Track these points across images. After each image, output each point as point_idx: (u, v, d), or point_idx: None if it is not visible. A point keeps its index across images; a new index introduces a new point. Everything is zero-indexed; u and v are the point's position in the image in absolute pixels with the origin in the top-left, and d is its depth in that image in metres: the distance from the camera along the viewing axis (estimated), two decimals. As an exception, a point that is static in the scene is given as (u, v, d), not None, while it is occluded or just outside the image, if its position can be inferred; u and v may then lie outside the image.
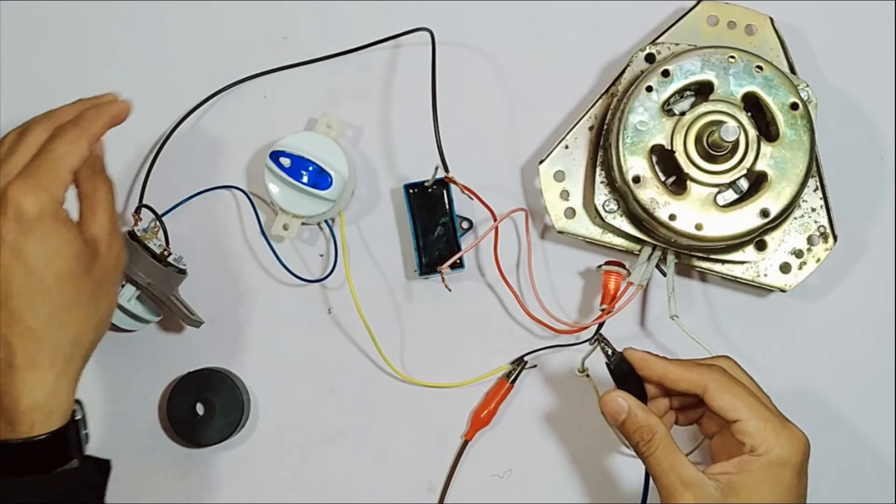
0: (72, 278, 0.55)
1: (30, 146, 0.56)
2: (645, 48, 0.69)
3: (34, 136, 0.57)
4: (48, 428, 0.54)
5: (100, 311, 0.57)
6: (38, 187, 0.54)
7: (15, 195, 0.53)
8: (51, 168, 0.55)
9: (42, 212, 0.53)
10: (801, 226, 0.68)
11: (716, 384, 0.56)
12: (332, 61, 0.73)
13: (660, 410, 0.61)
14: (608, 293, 0.68)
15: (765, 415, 0.55)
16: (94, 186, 0.59)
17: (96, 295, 0.57)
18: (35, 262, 0.53)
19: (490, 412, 0.71)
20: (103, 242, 0.57)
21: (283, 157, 0.68)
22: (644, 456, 0.57)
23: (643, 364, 0.59)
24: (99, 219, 0.58)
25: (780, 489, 0.55)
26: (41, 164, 0.55)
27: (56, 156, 0.55)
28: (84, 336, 0.56)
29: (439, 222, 0.70)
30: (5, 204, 0.53)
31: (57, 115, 0.59)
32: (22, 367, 0.54)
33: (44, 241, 0.54)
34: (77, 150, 0.56)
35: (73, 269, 0.55)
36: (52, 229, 0.54)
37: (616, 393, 0.59)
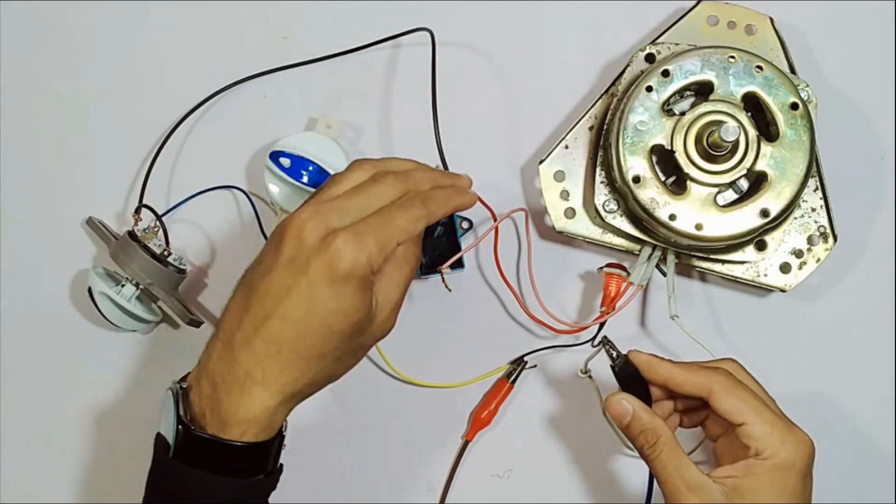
0: (339, 338, 0.55)
1: (373, 198, 0.56)
2: (645, 48, 0.69)
3: (383, 190, 0.57)
4: (256, 439, 0.55)
5: (343, 367, 0.58)
6: (363, 248, 0.54)
7: (340, 244, 0.53)
8: (382, 236, 0.55)
9: (352, 273, 0.53)
10: (801, 226, 0.68)
11: (721, 387, 0.56)
12: (332, 61, 0.73)
13: (664, 413, 0.61)
14: (608, 295, 0.68)
15: (770, 418, 0.55)
16: (405, 259, 0.58)
17: (349, 355, 0.57)
18: (319, 309, 0.54)
19: (490, 412, 0.71)
20: (383, 314, 0.57)
21: (282, 157, 0.68)
22: (649, 459, 0.57)
23: (648, 367, 0.59)
24: (392, 292, 0.57)
25: (786, 493, 0.54)
26: (376, 229, 0.55)
27: (393, 226, 0.55)
28: (318, 382, 0.57)
29: (439, 222, 0.70)
30: (328, 246, 0.53)
31: (413, 179, 0.58)
32: (256, 382, 0.54)
33: (339, 298, 0.54)
34: (413, 228, 0.56)
35: (345, 331, 0.55)
36: (352, 293, 0.54)
37: (621, 395, 0.59)
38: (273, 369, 0.54)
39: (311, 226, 0.54)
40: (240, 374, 0.54)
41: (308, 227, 0.54)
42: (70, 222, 0.73)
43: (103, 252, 0.72)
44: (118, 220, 0.74)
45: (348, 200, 0.56)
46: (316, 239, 0.54)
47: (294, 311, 0.54)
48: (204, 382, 0.55)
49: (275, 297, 0.54)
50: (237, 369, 0.54)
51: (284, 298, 0.54)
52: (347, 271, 0.53)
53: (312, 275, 0.53)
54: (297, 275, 0.54)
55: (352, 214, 0.55)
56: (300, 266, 0.54)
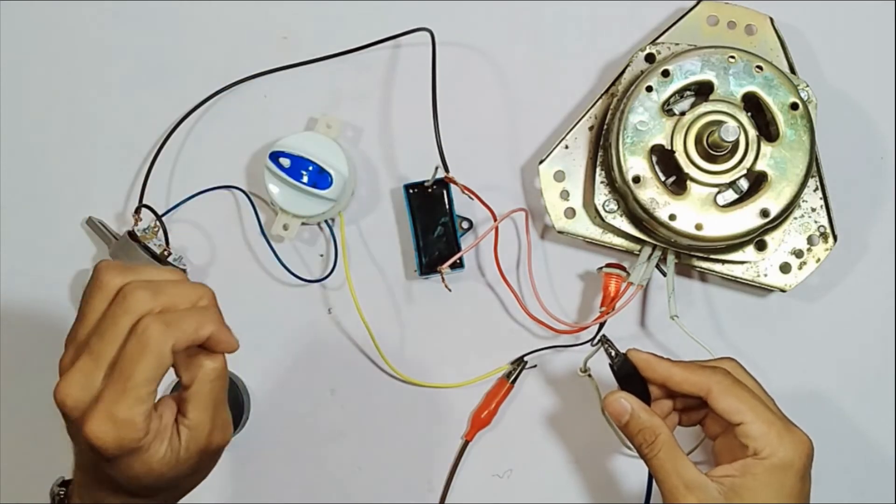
0: (165, 484, 0.52)
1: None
2: (645, 48, 0.69)
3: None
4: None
5: (201, 476, 0.55)
6: (113, 425, 0.49)
7: (93, 430, 0.49)
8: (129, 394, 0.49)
9: (120, 450, 0.49)
10: (801, 226, 0.68)
11: (720, 387, 0.56)
12: (332, 61, 0.73)
13: (663, 412, 0.61)
14: (608, 296, 0.68)
15: (769, 418, 0.55)
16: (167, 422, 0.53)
17: (203, 471, 0.55)
18: (125, 481, 0.51)
19: (490, 412, 0.71)
20: (210, 445, 0.53)
21: (282, 157, 0.68)
22: (647, 458, 0.57)
23: (647, 365, 0.59)
24: (193, 433, 0.53)
25: (784, 493, 0.54)
26: (122, 390, 0.49)
27: (133, 377, 0.49)
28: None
29: (439, 222, 0.70)
30: (86, 433, 0.49)
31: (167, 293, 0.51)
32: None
33: (128, 468, 0.51)
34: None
35: (170, 477, 0.52)
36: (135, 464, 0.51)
37: (620, 394, 0.59)
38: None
39: (69, 401, 0.49)
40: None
41: (67, 401, 0.49)
42: (70, 222, 0.73)
43: (103, 252, 0.72)
44: (118, 220, 0.74)
45: (89, 353, 0.50)
46: (76, 417, 0.50)
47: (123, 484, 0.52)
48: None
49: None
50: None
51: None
52: (115, 451, 0.49)
53: (87, 455, 0.51)
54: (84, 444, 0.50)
55: (95, 386, 0.49)
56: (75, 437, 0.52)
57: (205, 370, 0.52)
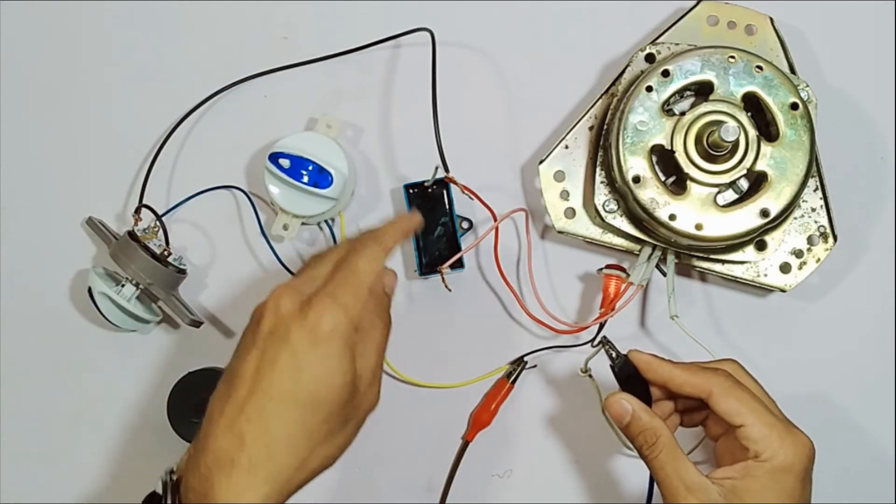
0: (328, 408, 0.53)
1: (332, 262, 0.56)
2: (645, 48, 0.69)
3: (339, 251, 0.57)
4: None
5: (334, 446, 0.55)
6: (339, 305, 0.53)
7: (318, 309, 0.53)
8: (352, 286, 0.54)
9: (335, 332, 0.53)
10: (801, 226, 0.68)
11: (720, 388, 0.56)
12: (332, 61, 0.73)
13: (664, 413, 0.61)
14: (608, 297, 0.68)
15: (769, 420, 0.55)
16: (373, 324, 0.56)
17: (338, 430, 0.55)
18: (304, 377, 0.52)
19: (490, 413, 0.71)
20: (365, 382, 0.55)
21: (282, 158, 0.68)
22: (648, 459, 0.57)
23: (648, 367, 0.59)
24: (369, 359, 0.56)
25: (784, 495, 0.54)
26: (344, 283, 0.54)
27: (357, 273, 0.55)
28: (310, 464, 0.54)
29: (439, 222, 0.70)
30: (307, 311, 0.53)
31: (360, 236, 0.59)
32: (241, 467, 0.51)
33: (324, 361, 0.52)
34: (374, 266, 0.56)
35: (332, 400, 0.53)
36: (337, 352, 0.53)
37: (620, 395, 0.59)
38: (259, 454, 0.51)
39: (287, 298, 0.54)
40: (225, 462, 0.51)
41: (284, 300, 0.54)
42: (70, 222, 0.73)
43: (103, 252, 0.72)
44: (118, 220, 0.74)
45: (314, 270, 0.56)
46: (293, 308, 0.53)
47: (278, 384, 0.52)
48: (191, 476, 0.52)
49: (256, 375, 0.52)
50: (221, 457, 0.51)
51: (268, 373, 0.52)
52: (330, 331, 0.52)
53: (295, 342, 0.52)
54: (279, 346, 0.52)
55: (319, 280, 0.55)
56: (281, 337, 0.53)
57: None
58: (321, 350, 0.52)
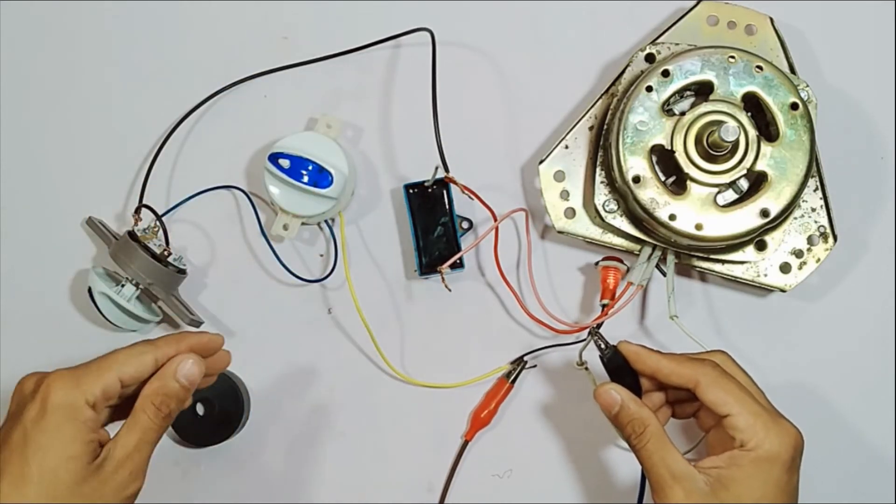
0: (60, 486, 0.51)
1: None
2: (645, 48, 0.69)
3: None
4: None
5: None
6: (75, 381, 0.53)
7: (50, 381, 0.53)
8: (98, 368, 0.54)
9: (63, 403, 0.52)
10: (801, 226, 0.68)
11: (707, 379, 0.57)
12: (332, 61, 0.73)
13: (654, 404, 0.61)
14: (607, 288, 0.68)
15: (755, 410, 0.56)
16: (142, 407, 0.55)
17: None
18: (32, 452, 0.52)
19: (490, 412, 0.71)
20: (122, 471, 0.54)
21: (281, 158, 0.68)
22: (636, 448, 0.58)
23: (636, 358, 0.60)
24: (124, 440, 0.54)
25: (770, 484, 0.55)
26: (91, 364, 0.55)
27: (111, 360, 0.55)
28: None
29: (439, 222, 0.70)
30: (40, 388, 0.53)
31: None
32: None
33: (49, 432, 0.52)
34: (135, 360, 0.55)
35: (63, 477, 0.52)
36: (62, 424, 0.52)
37: (610, 385, 0.59)
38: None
39: (29, 378, 0.54)
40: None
41: (26, 381, 0.54)
42: (70, 222, 0.73)
43: (103, 252, 0.72)
44: (118, 220, 0.74)
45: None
46: (32, 386, 0.53)
47: (11, 464, 0.51)
48: None
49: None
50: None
51: (3, 451, 0.52)
52: (57, 403, 0.52)
53: (26, 418, 0.52)
54: (14, 425, 0.52)
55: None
56: (18, 416, 0.53)
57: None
58: (47, 421, 0.52)
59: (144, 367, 0.55)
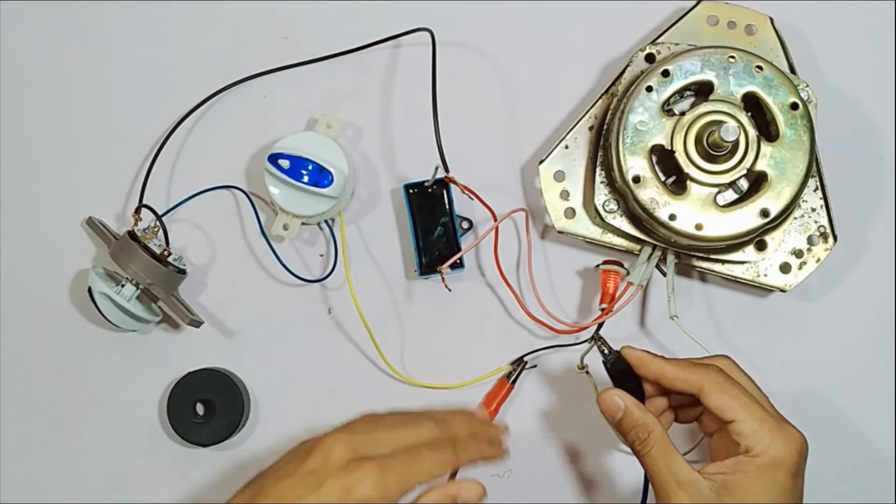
0: None
1: (406, 437, 0.55)
2: (645, 48, 0.69)
3: (419, 432, 0.56)
4: None
5: None
6: (383, 481, 0.53)
7: (363, 474, 0.52)
8: (405, 473, 0.54)
9: (364, 501, 0.52)
10: (801, 226, 0.68)
11: (712, 384, 0.57)
12: (332, 61, 0.73)
13: (657, 409, 0.61)
14: (607, 292, 0.68)
15: (760, 415, 0.55)
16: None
17: None
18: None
19: (491, 413, 0.71)
20: None
21: (281, 158, 0.68)
22: (640, 454, 0.57)
23: (640, 363, 0.60)
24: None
25: (775, 490, 0.55)
26: (402, 465, 0.54)
27: (417, 466, 0.54)
28: None
29: (439, 222, 0.70)
30: (352, 470, 0.53)
31: (450, 424, 0.58)
32: None
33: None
34: (438, 471, 0.55)
35: None
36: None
37: (613, 391, 0.59)
38: None
39: (341, 448, 0.54)
40: None
41: (337, 448, 0.53)
42: (70, 222, 0.73)
43: (103, 252, 0.72)
44: (118, 220, 0.74)
45: (383, 433, 0.55)
46: (342, 460, 0.53)
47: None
48: None
49: (281, 499, 0.53)
50: None
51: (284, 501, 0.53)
52: (361, 498, 0.52)
53: (326, 492, 0.52)
54: (312, 488, 0.53)
55: (381, 448, 0.54)
56: (317, 481, 0.53)
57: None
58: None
59: (439, 475, 0.55)
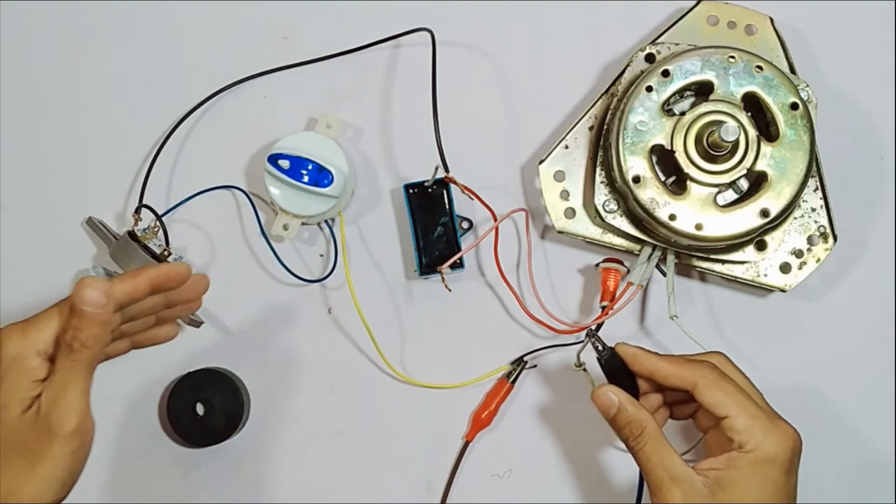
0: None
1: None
2: (645, 48, 0.69)
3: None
4: None
5: (31, 479, 0.52)
6: (20, 330, 0.54)
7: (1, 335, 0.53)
8: (46, 316, 0.54)
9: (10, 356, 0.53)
10: (801, 226, 0.68)
11: (705, 381, 0.57)
12: (332, 61, 0.73)
13: (652, 405, 0.61)
14: (607, 290, 0.68)
15: (753, 411, 0.56)
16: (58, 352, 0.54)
17: (27, 462, 0.52)
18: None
19: (491, 413, 0.71)
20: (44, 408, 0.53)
21: (281, 159, 0.68)
22: (634, 450, 0.58)
23: (634, 359, 0.60)
24: (48, 387, 0.53)
25: (768, 486, 0.55)
26: (41, 312, 0.55)
27: (60, 305, 0.54)
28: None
29: (439, 222, 0.70)
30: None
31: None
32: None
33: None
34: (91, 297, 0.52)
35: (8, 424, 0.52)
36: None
37: (607, 387, 0.59)
38: None
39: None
40: None
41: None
42: (70, 222, 0.73)
43: (103, 252, 0.72)
44: (118, 220, 0.74)
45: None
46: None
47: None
48: None
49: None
50: None
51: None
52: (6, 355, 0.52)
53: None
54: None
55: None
56: None
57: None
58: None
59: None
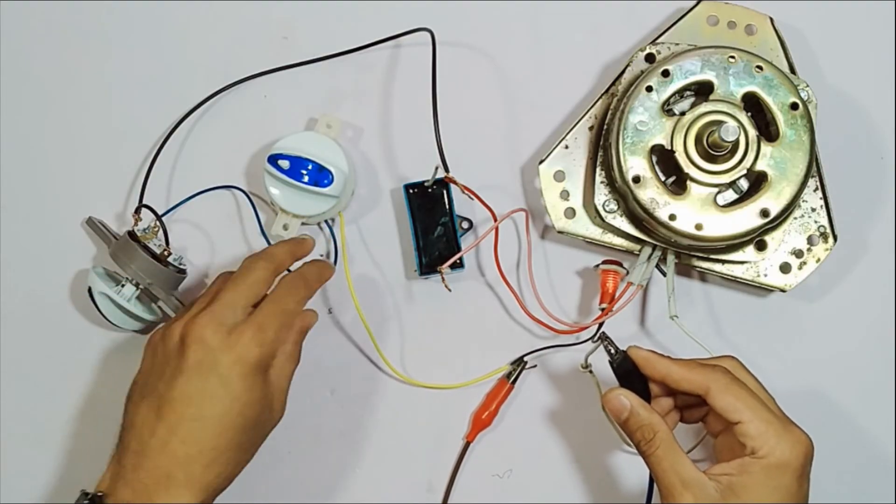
0: (253, 427, 0.60)
1: (253, 286, 0.62)
2: (645, 48, 0.69)
3: (258, 276, 0.62)
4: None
5: (250, 456, 0.62)
6: (266, 339, 0.60)
7: (246, 341, 0.59)
8: (278, 322, 0.61)
9: (261, 363, 0.60)
10: (801, 226, 0.68)
11: (718, 385, 0.56)
12: (332, 61, 0.73)
13: (663, 409, 0.61)
14: (607, 292, 0.68)
15: (767, 417, 0.55)
16: (288, 357, 0.63)
17: (256, 443, 0.62)
18: (235, 404, 0.58)
19: (491, 413, 0.71)
20: (278, 402, 0.62)
21: (281, 159, 0.68)
22: (645, 455, 0.57)
23: (646, 363, 0.60)
24: (282, 382, 0.63)
25: (781, 492, 0.55)
26: (273, 317, 0.61)
27: (286, 312, 0.62)
28: (233, 474, 0.61)
29: (439, 222, 0.70)
30: (236, 344, 0.59)
31: (273, 254, 0.64)
32: (180, 484, 0.57)
33: (251, 389, 0.59)
34: (300, 307, 0.64)
35: (256, 420, 0.60)
36: (261, 382, 0.60)
37: (619, 391, 0.59)
38: (196, 469, 0.57)
39: (212, 328, 0.59)
40: (161, 477, 0.57)
41: (208, 331, 0.59)
42: (70, 222, 0.73)
43: (103, 252, 0.72)
44: (118, 220, 0.74)
45: (230, 295, 0.61)
46: (220, 338, 0.59)
47: (210, 410, 0.58)
48: (125, 491, 0.57)
49: (187, 400, 0.58)
50: (158, 473, 0.57)
51: (198, 399, 0.58)
52: (256, 363, 0.59)
53: (224, 372, 0.58)
54: (208, 375, 0.58)
55: (241, 307, 0.60)
56: (209, 367, 0.58)
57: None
58: (249, 380, 0.59)
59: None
